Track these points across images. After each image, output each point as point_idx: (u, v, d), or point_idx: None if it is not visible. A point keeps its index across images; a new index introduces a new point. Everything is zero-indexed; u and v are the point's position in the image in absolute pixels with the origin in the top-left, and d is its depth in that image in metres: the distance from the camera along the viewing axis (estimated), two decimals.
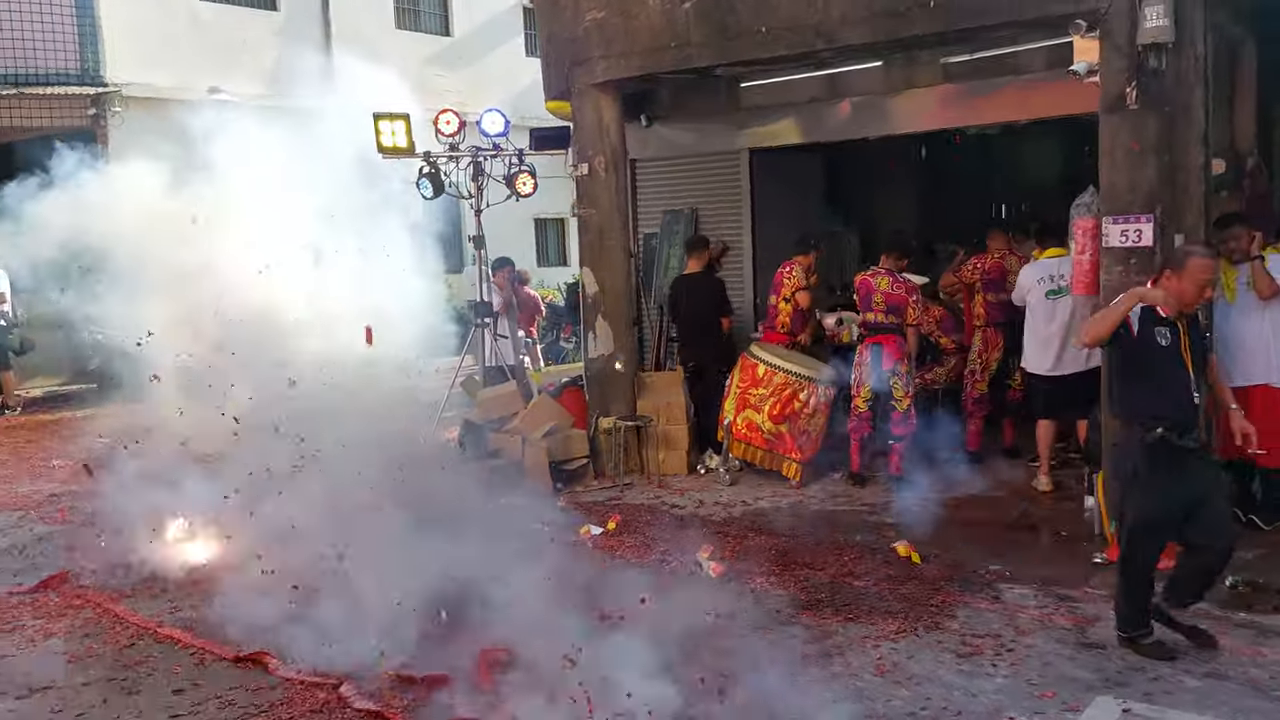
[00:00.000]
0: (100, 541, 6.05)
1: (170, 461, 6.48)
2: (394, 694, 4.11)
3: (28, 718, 4.09)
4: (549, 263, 19.44)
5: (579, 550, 6.03)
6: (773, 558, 5.80)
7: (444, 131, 8.97)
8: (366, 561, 4.80)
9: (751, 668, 4.11)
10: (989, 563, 5.64)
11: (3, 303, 11.68)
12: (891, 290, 7.26)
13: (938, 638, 4.61)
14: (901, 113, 8.15)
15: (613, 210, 8.15)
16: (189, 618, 5.11)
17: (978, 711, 3.89)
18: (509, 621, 4.46)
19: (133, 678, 4.44)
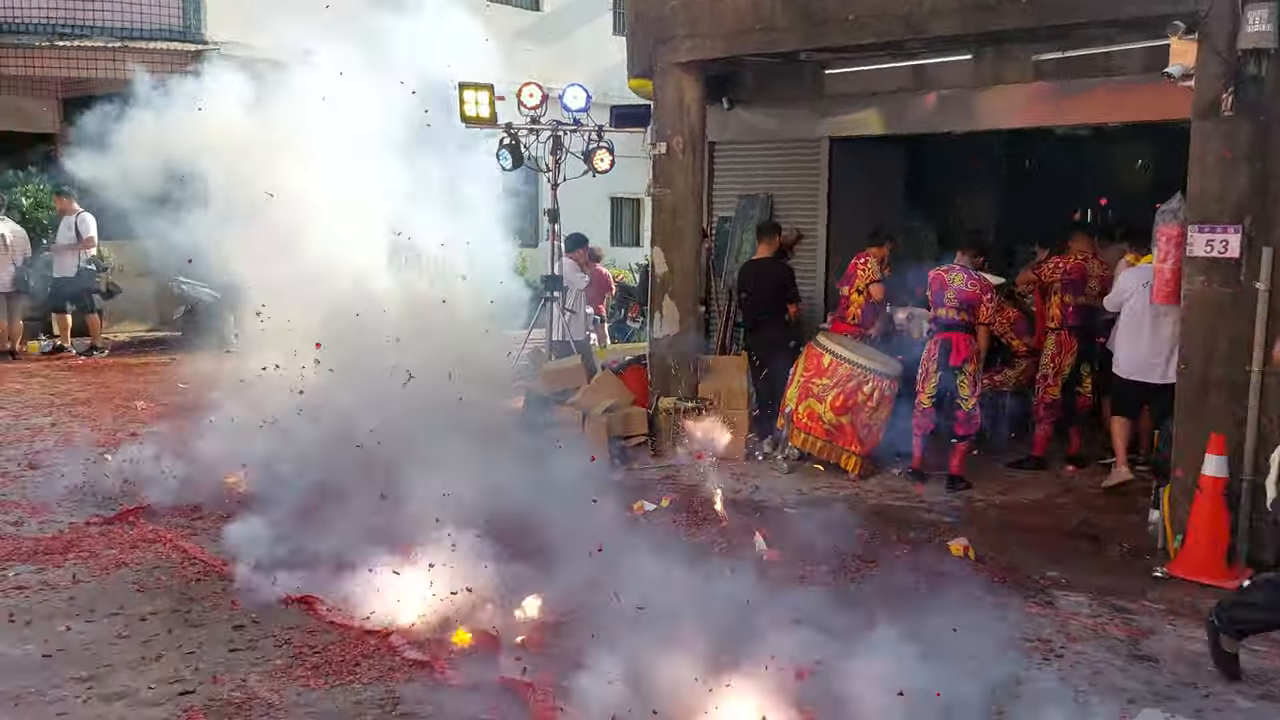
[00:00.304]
0: (175, 480, 6.31)
1: (249, 411, 6.73)
2: (442, 646, 4.22)
3: (96, 640, 4.30)
4: (622, 242, 19.51)
5: (631, 524, 6.10)
6: (823, 547, 5.79)
7: (526, 104, 9.07)
8: (428, 517, 4.92)
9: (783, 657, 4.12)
10: (1045, 568, 5.56)
11: (90, 247, 12.12)
12: (965, 287, 7.16)
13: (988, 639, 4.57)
14: (989, 108, 8.02)
15: (687, 191, 8.16)
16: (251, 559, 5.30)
17: (1019, 714, 3.85)
18: (556, 586, 4.57)
19: (196, 611, 4.64)
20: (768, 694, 3.55)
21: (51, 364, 11.65)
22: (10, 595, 4.74)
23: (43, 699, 3.76)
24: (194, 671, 4.01)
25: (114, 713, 3.67)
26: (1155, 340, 6.78)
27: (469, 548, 4.71)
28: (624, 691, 3.64)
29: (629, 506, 6.43)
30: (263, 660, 4.13)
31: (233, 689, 3.87)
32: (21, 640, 4.27)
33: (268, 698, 3.81)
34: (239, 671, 4.02)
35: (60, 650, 4.18)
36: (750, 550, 5.66)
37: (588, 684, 3.68)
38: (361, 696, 3.85)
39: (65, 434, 8.06)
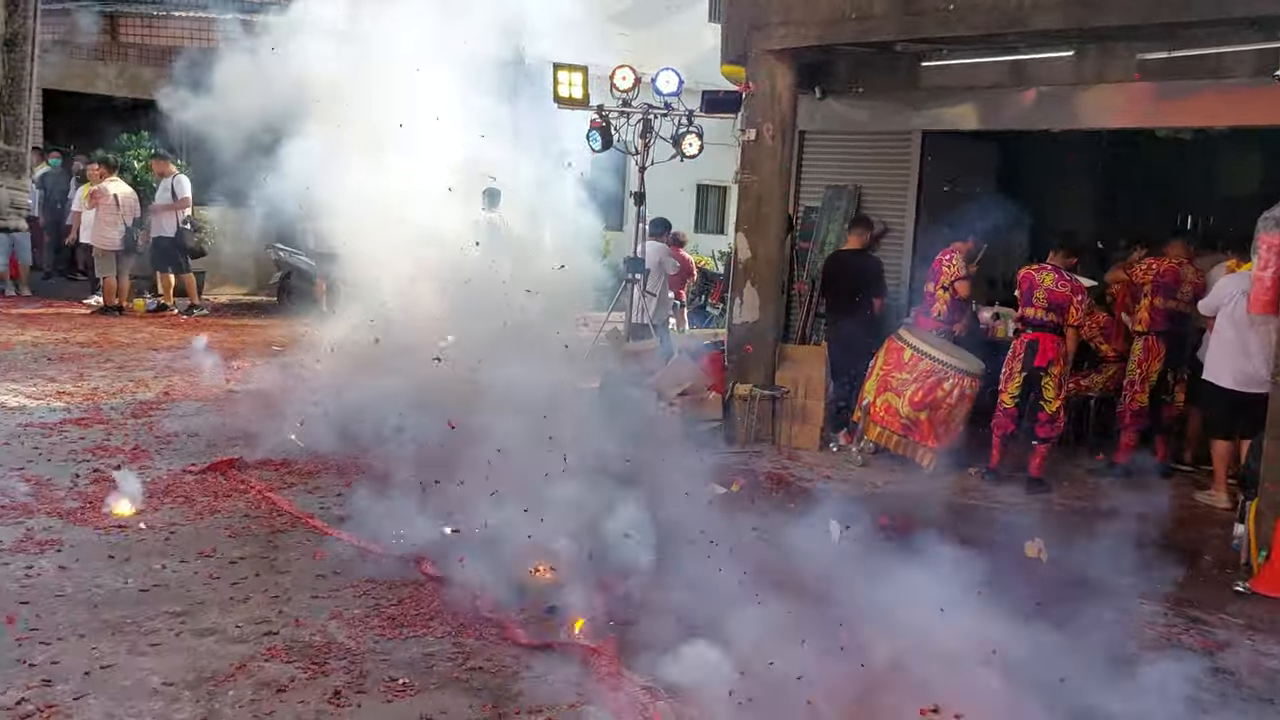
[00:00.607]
0: (268, 435, 6.61)
1: (342, 375, 6.99)
2: (517, 612, 4.35)
3: (189, 581, 4.54)
4: (706, 229, 19.52)
5: (701, 505, 6.17)
6: (891, 540, 5.78)
7: (619, 87, 9.14)
8: (507, 488, 5.06)
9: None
10: (1121, 576, 5.47)
11: (185, 207, 12.59)
12: (1055, 287, 7.03)
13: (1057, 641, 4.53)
14: (1089, 107, 7.85)
15: (774, 179, 8.17)
16: (338, 514, 5.52)
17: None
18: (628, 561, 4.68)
19: (282, 559, 4.86)
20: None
21: (155, 321, 12.19)
22: (111, 533, 5.03)
23: (139, 629, 3.99)
24: (278, 614, 4.22)
25: (204, 646, 3.88)
26: (1249, 350, 6.59)
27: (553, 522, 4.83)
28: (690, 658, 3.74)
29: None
30: (343, 608, 4.31)
31: (313, 633, 4.06)
32: (121, 575, 4.53)
33: (345, 643, 3.98)
34: (320, 617, 4.21)
35: (156, 586, 4.43)
36: (824, 535, 5.68)
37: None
38: (433, 649, 4.01)
39: (165, 388, 8.45)
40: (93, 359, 9.47)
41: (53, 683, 3.51)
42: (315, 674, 3.72)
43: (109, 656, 3.74)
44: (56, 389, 8.07)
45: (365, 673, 3.75)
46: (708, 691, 3.59)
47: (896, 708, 3.60)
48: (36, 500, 5.39)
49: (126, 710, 3.36)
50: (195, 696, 3.49)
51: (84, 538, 4.93)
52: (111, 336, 10.78)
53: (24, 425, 6.90)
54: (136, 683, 3.56)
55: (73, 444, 6.54)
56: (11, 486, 5.57)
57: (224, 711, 3.41)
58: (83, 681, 3.54)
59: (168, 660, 3.74)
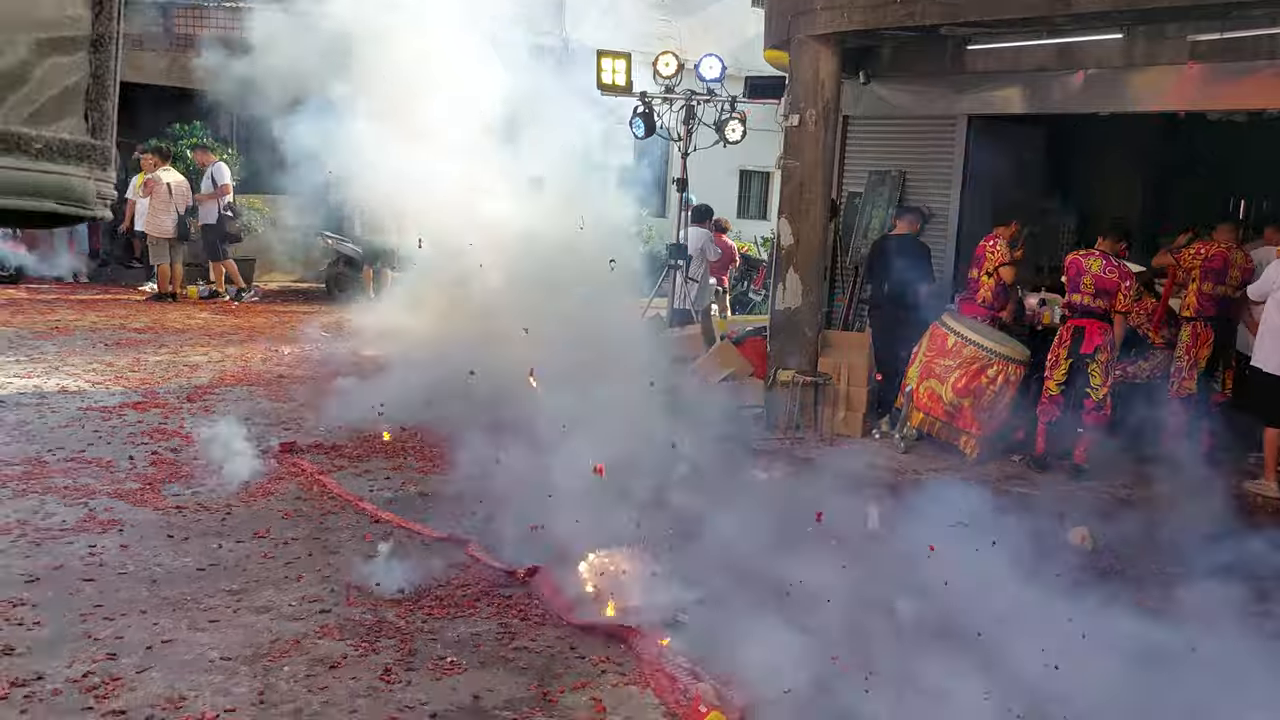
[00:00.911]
0: (317, 422, 6.75)
1: (392, 360, 7.12)
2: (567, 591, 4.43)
3: (247, 557, 4.68)
4: (749, 215, 19.47)
5: (745, 488, 6.23)
6: (930, 526, 5.78)
7: (662, 73, 9.18)
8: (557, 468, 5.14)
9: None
10: (1166, 564, 5.43)
11: (226, 194, 12.84)
12: (1103, 273, 6.96)
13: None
14: (1139, 90, 7.74)
15: (817, 164, 8.14)
16: (385, 497, 5.65)
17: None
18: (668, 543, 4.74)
19: (333, 540, 4.99)
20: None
21: (208, 307, 12.46)
22: (169, 514, 5.19)
23: (197, 606, 4.14)
24: (330, 593, 4.34)
25: (260, 623, 4.02)
26: None
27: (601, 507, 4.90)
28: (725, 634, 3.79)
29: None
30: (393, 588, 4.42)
31: (364, 611, 4.17)
32: (180, 553, 4.68)
33: (395, 622, 4.09)
34: (371, 596, 4.33)
35: (213, 565, 4.58)
36: (860, 524, 5.71)
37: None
38: (479, 629, 4.10)
39: (219, 372, 8.65)
40: (149, 344, 9.72)
41: (117, 656, 3.65)
42: (366, 651, 3.83)
43: (169, 632, 3.88)
44: (114, 374, 8.30)
45: (414, 651, 3.85)
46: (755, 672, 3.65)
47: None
48: (98, 482, 5.58)
49: (187, 683, 3.50)
50: (252, 671, 3.62)
51: (143, 518, 5.10)
52: (166, 322, 11.04)
53: (84, 409, 7.12)
54: (196, 657, 3.69)
55: (131, 427, 6.74)
56: (74, 468, 5.77)
57: (279, 685, 3.53)
58: (145, 655, 3.68)
59: (225, 636, 3.88)
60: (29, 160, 0.99)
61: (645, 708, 3.52)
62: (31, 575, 4.29)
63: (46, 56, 0.99)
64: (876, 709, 3.47)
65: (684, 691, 3.53)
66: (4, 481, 5.45)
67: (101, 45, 1.03)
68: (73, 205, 1.05)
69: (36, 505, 5.13)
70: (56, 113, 1.01)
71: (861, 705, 3.49)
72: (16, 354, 8.77)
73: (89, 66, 1.02)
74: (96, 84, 1.03)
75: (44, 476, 5.59)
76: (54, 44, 1.00)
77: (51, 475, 5.62)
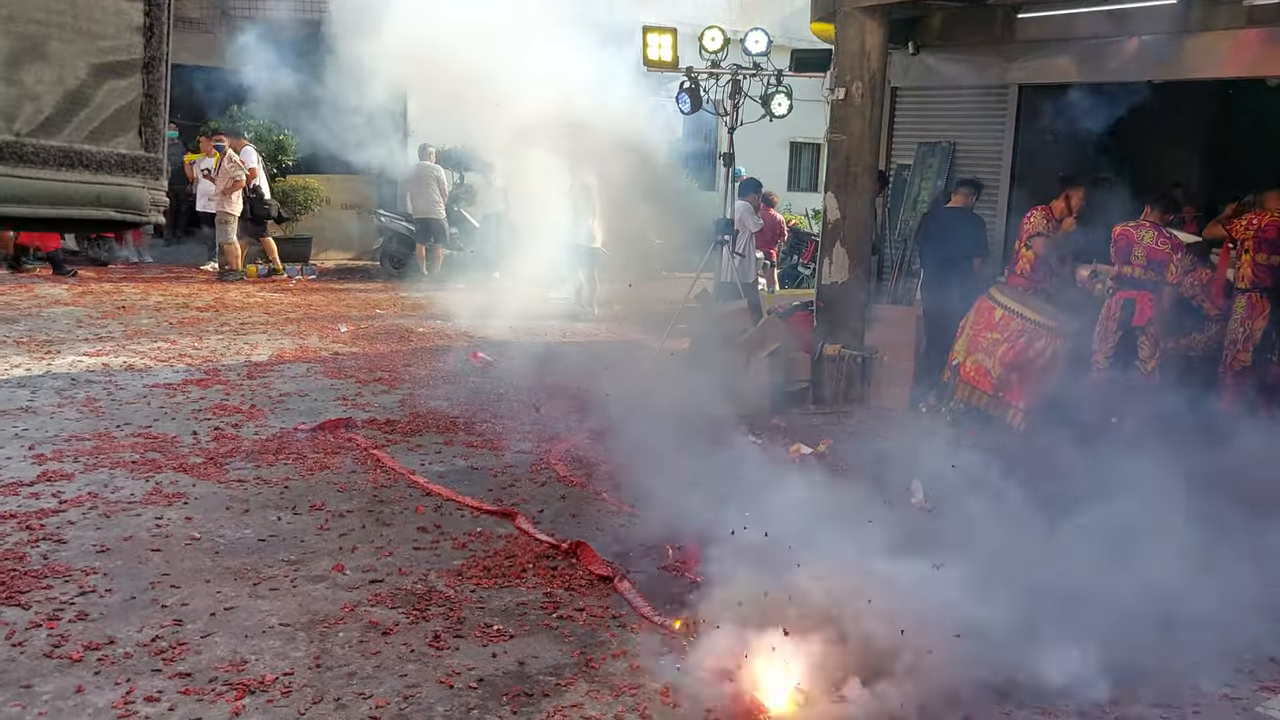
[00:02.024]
0: (373, 398, 6.94)
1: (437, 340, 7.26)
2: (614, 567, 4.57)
3: (303, 530, 4.88)
4: (800, 187, 19.37)
5: (788, 465, 6.30)
6: (980, 501, 5.80)
7: (708, 48, 9.17)
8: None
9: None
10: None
11: (254, 177, 13.12)
12: (1155, 245, 6.87)
13: None
14: (1194, 56, 7.58)
15: (864, 137, 8.11)
16: (437, 470, 5.83)
17: (1168, 671, 3.85)
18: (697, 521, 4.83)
19: (386, 512, 5.16)
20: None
21: (267, 285, 12.79)
22: (231, 487, 5.41)
23: (257, 575, 4.33)
24: (383, 564, 4.51)
25: (316, 592, 4.20)
26: None
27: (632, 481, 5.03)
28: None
29: (787, 449, 6.63)
30: (443, 560, 4.59)
31: (415, 581, 4.34)
32: (241, 525, 4.89)
33: (445, 592, 4.25)
34: (421, 567, 4.49)
35: (272, 536, 4.78)
36: (904, 498, 5.75)
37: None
38: (526, 598, 4.25)
39: (277, 350, 8.91)
40: (211, 322, 10.03)
41: (182, 622, 3.86)
42: (417, 619, 3.99)
43: (232, 599, 4.08)
44: (178, 351, 8.60)
45: (462, 619, 4.01)
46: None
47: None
48: (164, 456, 5.82)
49: (248, 647, 3.69)
50: (309, 636, 3.80)
51: (207, 491, 5.32)
52: (227, 300, 11.37)
53: (150, 386, 7.40)
54: (256, 623, 3.89)
55: (194, 403, 7.00)
56: (141, 443, 6.03)
57: (335, 650, 3.70)
58: (209, 621, 3.88)
59: (284, 603, 4.07)
60: (90, 174, 1.10)
61: (682, 674, 3.63)
62: (102, 545, 4.52)
63: (105, 80, 1.11)
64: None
65: (720, 664, 3.60)
66: (76, 456, 5.72)
67: (153, 67, 1.14)
68: (130, 212, 1.16)
69: (106, 479, 5.39)
70: (114, 130, 1.13)
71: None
72: (85, 333, 9.12)
73: (142, 87, 1.13)
74: (149, 102, 1.14)
75: (113, 451, 5.85)
76: (111, 68, 1.11)
77: (120, 450, 5.88)
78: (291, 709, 3.29)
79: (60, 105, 1.07)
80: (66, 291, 11.27)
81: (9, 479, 5.29)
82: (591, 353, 9.34)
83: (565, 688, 3.52)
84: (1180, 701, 3.67)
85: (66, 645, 3.62)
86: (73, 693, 3.32)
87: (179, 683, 3.41)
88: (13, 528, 4.66)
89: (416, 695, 3.43)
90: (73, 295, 11.05)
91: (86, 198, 1.10)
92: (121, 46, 1.11)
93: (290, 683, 3.45)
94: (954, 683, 3.45)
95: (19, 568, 4.24)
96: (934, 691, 3.39)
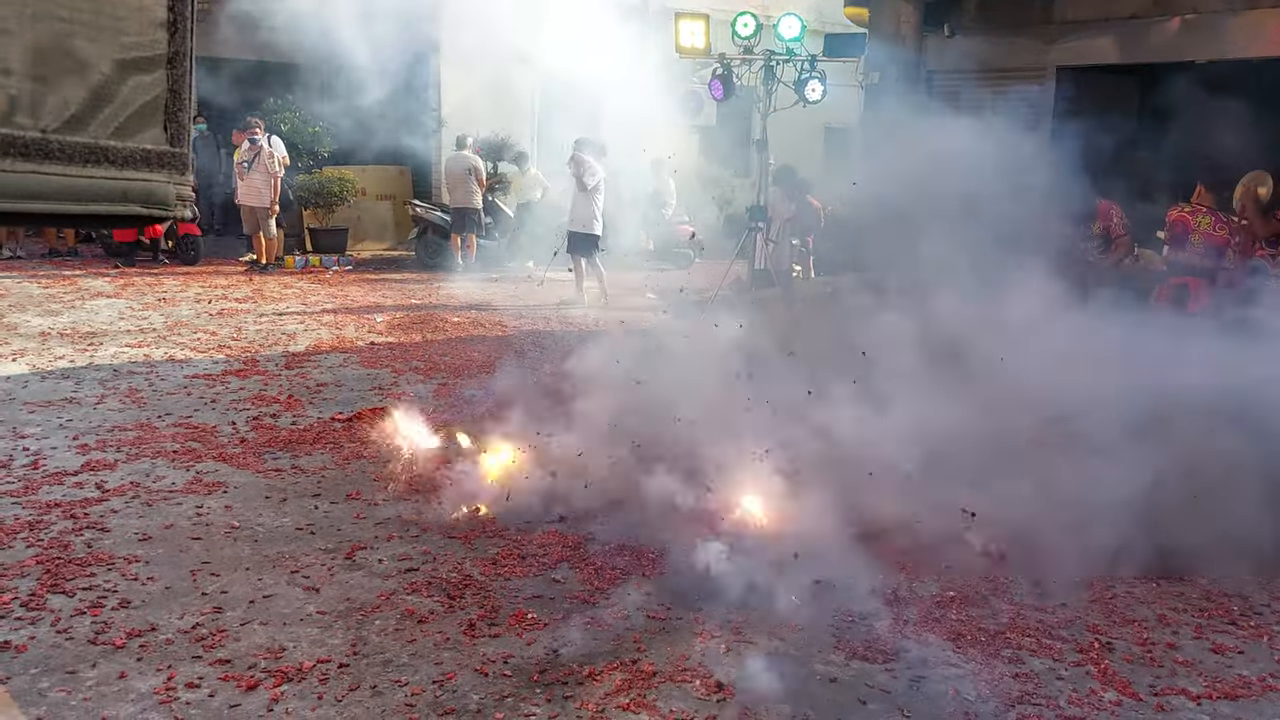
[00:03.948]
0: (409, 388, 6.99)
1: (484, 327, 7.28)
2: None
3: (338, 519, 4.93)
4: (836, 173, 19.18)
5: None
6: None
7: (741, 34, 9.12)
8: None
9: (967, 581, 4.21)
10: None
11: (285, 165, 13.24)
12: (1213, 231, 6.74)
13: (1178, 589, 4.48)
14: (1239, 35, 7.41)
15: (899, 121, 8.01)
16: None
17: (1208, 665, 3.79)
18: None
19: (421, 500, 5.20)
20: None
21: (304, 276, 12.91)
22: (269, 476, 5.48)
23: (296, 563, 4.39)
24: (419, 552, 4.55)
25: (353, 580, 4.24)
26: None
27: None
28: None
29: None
30: (477, 549, 4.62)
31: (450, 570, 4.37)
32: (279, 514, 4.96)
33: (479, 580, 4.28)
34: (456, 555, 4.52)
35: (310, 524, 4.84)
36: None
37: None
38: (560, 587, 4.26)
39: (314, 341, 9.01)
40: (249, 314, 10.15)
41: (222, 610, 3.92)
42: (452, 607, 4.02)
43: (270, 587, 4.13)
44: (218, 343, 8.71)
45: (496, 607, 4.03)
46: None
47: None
48: (204, 446, 5.91)
49: (286, 635, 3.74)
50: (346, 625, 3.84)
51: (246, 480, 5.39)
52: (265, 292, 11.50)
53: (190, 377, 7.51)
54: (294, 610, 3.93)
55: (233, 394, 7.10)
56: (181, 433, 6.12)
57: (371, 638, 3.74)
58: (248, 609, 3.93)
59: (322, 592, 4.12)
60: (116, 170, 1.11)
61: (718, 657, 3.63)
62: (145, 534, 4.60)
63: (129, 75, 1.12)
64: None
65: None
66: (118, 445, 5.82)
67: (177, 62, 1.14)
68: (156, 207, 1.17)
69: (149, 468, 5.48)
70: (139, 126, 1.14)
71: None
72: (127, 324, 9.27)
73: (167, 82, 1.14)
74: (174, 97, 1.15)
75: (154, 441, 5.95)
76: (135, 64, 1.12)
77: (161, 440, 5.98)
78: (329, 696, 3.33)
79: (86, 102, 1.08)
80: (109, 284, 11.46)
81: (54, 469, 5.40)
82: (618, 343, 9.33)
83: (599, 676, 3.53)
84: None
85: (110, 632, 3.69)
86: (116, 678, 3.39)
87: (219, 669, 3.47)
88: (58, 516, 4.75)
89: (451, 683, 3.45)
90: (115, 288, 11.23)
91: (113, 193, 1.11)
92: (145, 42, 1.12)
93: (327, 670, 3.50)
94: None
95: (64, 555, 4.32)
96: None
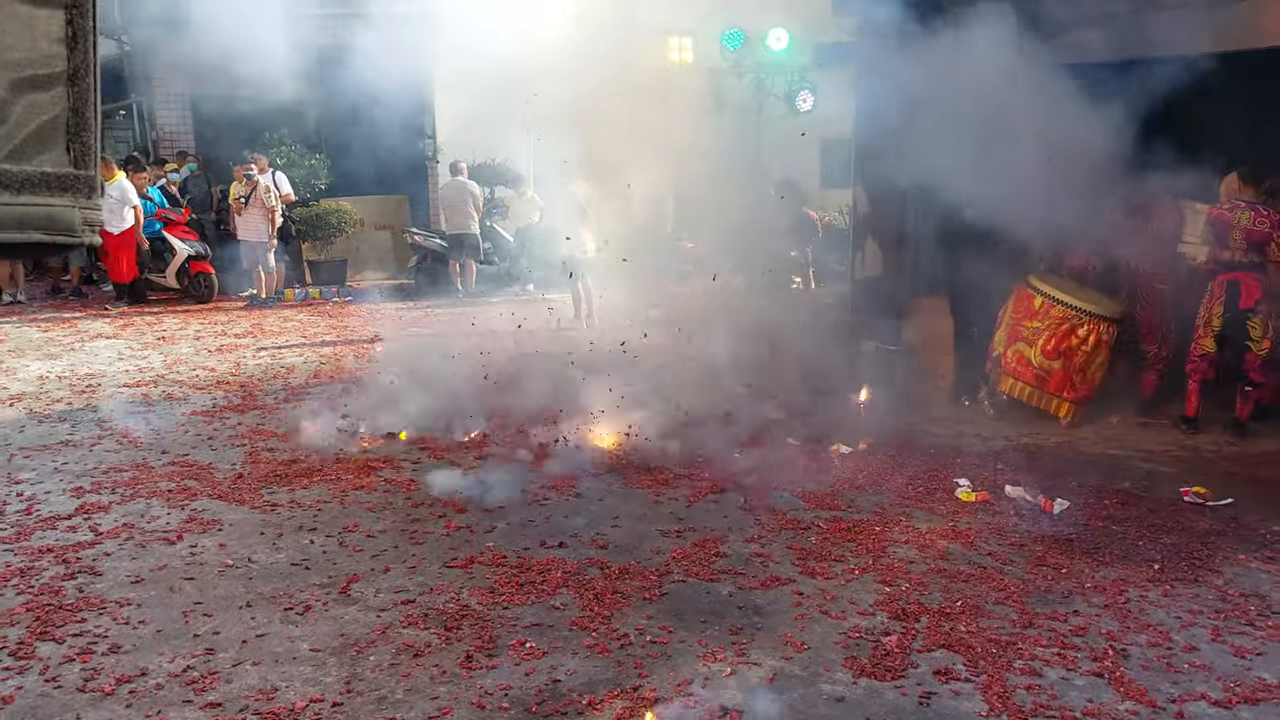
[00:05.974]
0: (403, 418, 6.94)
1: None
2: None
3: (335, 554, 4.83)
4: (834, 184, 19.11)
5: (824, 462, 6.17)
6: (1026, 492, 5.63)
7: (729, 47, 9.08)
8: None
9: (976, 595, 4.10)
10: (1277, 525, 5.18)
11: (290, 201, 13.24)
12: (1254, 225, 6.65)
13: (1193, 590, 4.35)
14: (1239, 25, 7.29)
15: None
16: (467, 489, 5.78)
17: (1225, 669, 3.67)
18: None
19: (418, 532, 5.11)
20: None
21: (304, 309, 12.88)
22: (265, 511, 5.40)
23: (290, 599, 4.30)
24: (416, 584, 4.46)
25: (348, 615, 4.15)
26: None
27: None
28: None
29: (826, 448, 6.49)
30: (475, 578, 4.52)
31: (448, 600, 4.27)
32: (274, 549, 4.87)
33: (478, 610, 4.18)
34: (454, 586, 4.43)
35: (305, 559, 4.75)
36: (949, 495, 5.60)
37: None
38: (559, 614, 4.16)
39: (313, 372, 8.95)
40: (248, 349, 10.10)
41: (214, 651, 3.83)
42: (449, 639, 3.92)
43: (263, 626, 4.04)
44: (216, 379, 8.66)
45: (495, 637, 3.93)
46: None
47: None
48: (200, 484, 5.83)
49: (278, 675, 3.64)
50: (339, 661, 3.74)
51: (241, 516, 5.31)
52: (265, 326, 11.46)
53: (188, 414, 7.45)
54: (287, 649, 3.84)
55: (231, 429, 7.03)
56: (177, 472, 6.05)
57: (365, 675, 3.64)
58: (240, 649, 3.84)
59: (316, 628, 4.02)
60: (11, 195, 1.04)
61: (724, 681, 3.53)
62: (137, 576, 4.52)
63: (23, 94, 1.04)
64: None
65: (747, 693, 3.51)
66: (113, 487, 5.75)
67: (79, 78, 1.07)
68: (59, 234, 1.10)
69: (143, 509, 5.40)
70: (37, 148, 1.06)
71: None
72: (126, 365, 9.22)
73: (67, 100, 1.07)
74: (76, 117, 1.08)
75: (150, 481, 5.88)
76: (30, 82, 1.05)
77: (156, 479, 5.90)
78: None
79: None
80: (109, 325, 11.44)
81: (48, 513, 5.33)
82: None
83: (601, 704, 3.43)
84: None
85: (99, 679, 3.61)
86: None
87: (209, 713, 3.38)
88: (50, 562, 4.68)
89: (447, 718, 3.35)
90: (114, 329, 11.21)
91: (7, 220, 1.04)
92: (39, 59, 1.05)
93: (320, 710, 3.40)
94: None
95: (54, 602, 4.24)
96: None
